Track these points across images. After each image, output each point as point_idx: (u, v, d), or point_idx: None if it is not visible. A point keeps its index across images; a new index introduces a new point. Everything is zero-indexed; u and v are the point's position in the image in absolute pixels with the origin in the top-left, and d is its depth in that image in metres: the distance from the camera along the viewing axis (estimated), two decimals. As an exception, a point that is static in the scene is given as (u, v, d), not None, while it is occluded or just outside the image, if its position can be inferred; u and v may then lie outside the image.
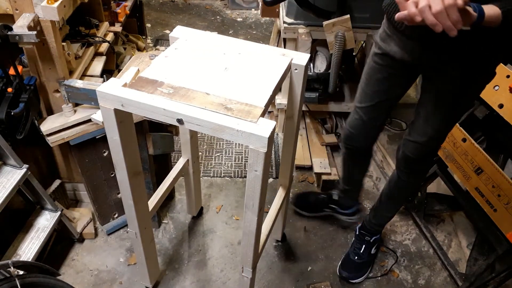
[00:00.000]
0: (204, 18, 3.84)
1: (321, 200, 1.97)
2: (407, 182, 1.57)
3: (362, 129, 1.52)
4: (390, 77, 1.37)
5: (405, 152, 1.46)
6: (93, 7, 1.87)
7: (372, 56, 1.38)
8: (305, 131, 2.41)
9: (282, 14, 2.18)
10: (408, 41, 1.22)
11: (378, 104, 1.44)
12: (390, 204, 1.70)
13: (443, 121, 1.34)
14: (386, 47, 1.30)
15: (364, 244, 1.78)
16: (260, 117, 0.97)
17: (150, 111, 1.00)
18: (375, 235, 1.80)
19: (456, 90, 1.24)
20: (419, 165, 1.50)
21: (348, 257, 1.79)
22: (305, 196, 2.05)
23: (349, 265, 1.77)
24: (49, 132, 1.51)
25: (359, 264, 1.76)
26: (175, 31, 1.30)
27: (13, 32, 1.28)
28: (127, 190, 1.26)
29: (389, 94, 1.42)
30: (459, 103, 1.29)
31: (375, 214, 1.76)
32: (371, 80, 1.41)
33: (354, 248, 1.80)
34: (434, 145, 1.43)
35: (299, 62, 1.19)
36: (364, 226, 1.80)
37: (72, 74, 1.60)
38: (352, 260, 1.77)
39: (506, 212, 1.48)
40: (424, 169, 1.58)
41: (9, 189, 1.37)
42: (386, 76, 1.37)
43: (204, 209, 2.00)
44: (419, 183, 1.68)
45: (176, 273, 1.73)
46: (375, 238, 1.80)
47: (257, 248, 1.24)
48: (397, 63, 1.29)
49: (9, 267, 1.15)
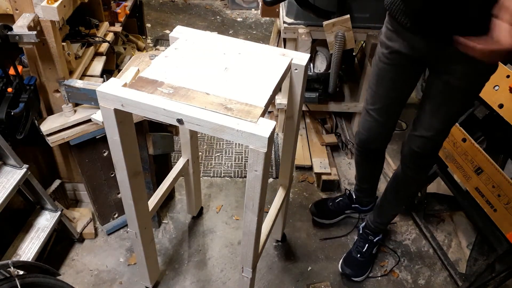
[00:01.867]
0: (204, 18, 3.84)
1: (341, 203, 1.96)
2: (413, 178, 1.56)
3: (377, 131, 1.54)
4: (401, 75, 1.38)
5: (412, 147, 1.44)
6: (93, 7, 1.87)
7: (379, 58, 1.39)
8: (305, 131, 2.41)
9: (282, 14, 2.18)
10: (413, 36, 1.23)
11: (391, 104, 1.46)
12: (396, 201, 1.70)
13: (449, 115, 1.34)
14: (392, 44, 1.31)
15: (367, 243, 1.78)
16: (260, 117, 0.97)
17: (150, 111, 1.00)
18: (378, 235, 1.79)
19: (465, 85, 1.24)
20: (426, 159, 1.49)
21: (351, 255, 1.78)
22: (322, 203, 2.01)
23: (352, 262, 1.76)
24: (49, 132, 1.51)
25: (362, 262, 1.76)
26: (175, 31, 1.30)
27: (13, 32, 1.29)
28: (127, 190, 1.26)
29: (401, 92, 1.43)
30: (466, 98, 1.30)
31: (380, 213, 1.75)
32: (383, 81, 1.41)
33: (357, 246, 1.80)
34: (441, 138, 1.43)
35: (299, 62, 1.19)
36: (368, 225, 1.80)
37: (72, 74, 1.60)
38: (355, 258, 1.77)
39: (506, 212, 1.48)
40: (430, 164, 1.57)
41: (9, 189, 1.37)
42: (397, 75, 1.38)
43: (204, 209, 2.00)
44: (424, 178, 1.67)
45: (176, 273, 1.73)
46: (378, 239, 1.80)
47: (257, 248, 1.24)
48: (404, 59, 1.31)
49: (9, 267, 1.15)
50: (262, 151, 0.94)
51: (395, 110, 1.49)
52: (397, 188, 1.65)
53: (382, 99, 1.45)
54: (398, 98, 1.45)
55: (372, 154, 1.66)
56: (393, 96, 1.44)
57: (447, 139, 1.69)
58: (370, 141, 1.58)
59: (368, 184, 1.85)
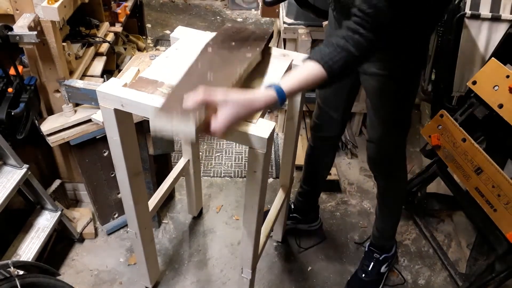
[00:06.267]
0: (204, 18, 3.84)
1: None
2: (386, 188, 1.56)
3: (325, 118, 1.54)
4: None
5: (369, 154, 1.46)
6: (93, 8, 1.87)
7: None
8: (305, 131, 2.41)
9: (282, 15, 2.19)
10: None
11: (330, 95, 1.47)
12: (382, 215, 1.65)
13: (379, 118, 1.33)
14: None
15: (373, 262, 1.70)
16: (259, 117, 0.97)
17: (150, 112, 1.00)
18: (386, 252, 1.71)
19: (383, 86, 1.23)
20: (383, 167, 1.47)
21: (356, 275, 1.72)
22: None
23: (355, 283, 1.70)
24: (49, 132, 1.52)
25: (366, 283, 1.68)
26: (175, 32, 1.30)
27: (14, 32, 1.29)
28: (127, 190, 1.26)
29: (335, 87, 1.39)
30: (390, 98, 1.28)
31: (376, 227, 1.70)
32: None
33: (362, 265, 1.72)
34: (388, 142, 1.39)
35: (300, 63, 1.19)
36: (372, 242, 1.74)
37: (72, 74, 1.60)
38: (359, 278, 1.69)
39: (506, 212, 1.48)
40: (396, 172, 1.51)
41: (9, 189, 1.37)
42: None
43: (204, 209, 2.00)
44: (401, 188, 1.60)
45: (176, 273, 1.73)
46: (386, 256, 1.71)
47: (256, 249, 1.24)
48: None
49: (9, 267, 1.15)
50: (262, 152, 0.95)
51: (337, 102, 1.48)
52: (379, 200, 1.63)
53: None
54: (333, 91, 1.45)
55: (323, 142, 1.64)
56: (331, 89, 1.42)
57: (446, 138, 1.69)
58: (320, 129, 1.58)
59: (312, 185, 1.79)
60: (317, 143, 1.66)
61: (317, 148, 1.67)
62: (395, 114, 1.33)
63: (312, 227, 1.91)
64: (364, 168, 2.28)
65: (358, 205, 2.09)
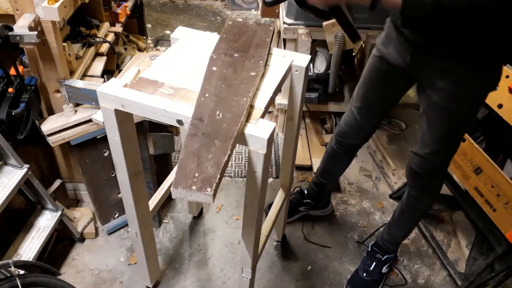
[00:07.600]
0: (204, 18, 3.84)
1: (293, 201, 1.92)
2: (417, 200, 1.50)
3: (354, 128, 1.54)
4: (385, 82, 1.38)
5: (411, 165, 1.41)
6: (93, 8, 1.87)
7: (371, 58, 1.39)
8: (305, 131, 2.41)
9: (282, 15, 2.19)
10: (404, 46, 1.23)
11: (370, 106, 1.46)
12: (401, 221, 1.63)
13: (439, 135, 1.30)
14: (384, 51, 1.32)
15: (375, 262, 1.70)
16: (259, 118, 0.97)
17: (151, 112, 1.00)
18: (388, 254, 1.71)
19: (445, 103, 1.22)
20: (426, 180, 1.43)
21: (357, 273, 1.72)
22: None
23: (356, 282, 1.70)
24: (50, 132, 1.52)
25: (367, 282, 1.69)
26: (176, 32, 1.30)
27: (14, 32, 1.29)
28: (127, 190, 1.26)
29: (382, 98, 1.44)
30: (451, 117, 1.26)
31: (388, 231, 1.68)
32: (367, 82, 1.43)
33: (364, 264, 1.72)
34: (438, 159, 1.35)
35: (300, 64, 1.19)
36: (377, 243, 1.73)
37: (72, 74, 1.60)
38: (360, 277, 1.69)
39: (505, 211, 1.48)
40: (433, 185, 1.47)
41: (10, 189, 1.37)
42: (380, 80, 1.39)
43: (204, 209, 2.01)
44: (431, 201, 1.56)
45: (176, 273, 1.73)
46: (388, 257, 1.70)
47: (256, 249, 1.25)
48: (393, 68, 1.31)
49: (10, 267, 1.16)
50: (262, 152, 0.95)
51: (374, 113, 1.49)
52: (403, 208, 1.58)
53: (364, 99, 1.46)
54: (378, 103, 1.45)
55: (346, 148, 1.65)
56: (373, 99, 1.44)
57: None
58: (346, 136, 1.59)
59: (328, 179, 1.82)
60: (340, 148, 1.66)
61: (338, 153, 1.69)
62: (452, 133, 1.30)
63: (324, 212, 1.97)
64: (363, 168, 2.29)
65: (358, 205, 2.09)
